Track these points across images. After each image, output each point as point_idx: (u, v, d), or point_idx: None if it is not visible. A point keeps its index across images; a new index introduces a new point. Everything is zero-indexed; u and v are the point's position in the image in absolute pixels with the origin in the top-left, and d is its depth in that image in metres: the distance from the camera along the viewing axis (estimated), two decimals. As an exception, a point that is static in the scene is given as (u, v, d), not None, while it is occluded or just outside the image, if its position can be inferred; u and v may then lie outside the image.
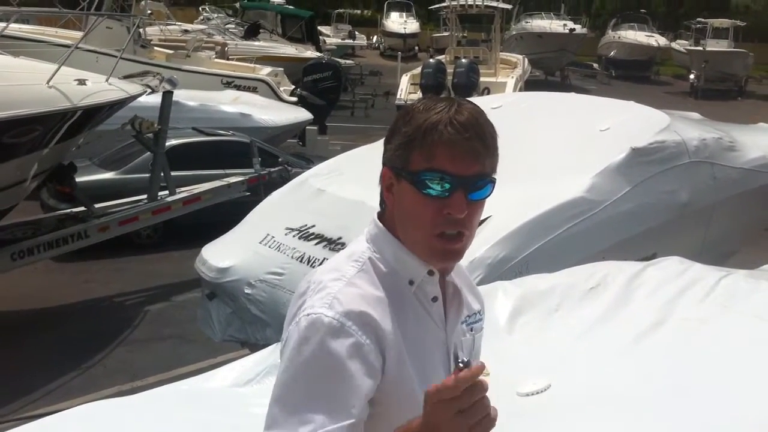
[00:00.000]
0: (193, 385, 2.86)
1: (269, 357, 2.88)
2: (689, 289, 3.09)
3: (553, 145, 5.43)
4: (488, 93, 15.92)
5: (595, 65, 38.05)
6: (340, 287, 1.38)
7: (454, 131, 1.38)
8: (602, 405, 2.32)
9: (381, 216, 1.49)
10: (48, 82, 6.64)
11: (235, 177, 9.19)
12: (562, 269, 3.51)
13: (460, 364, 1.24)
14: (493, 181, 1.43)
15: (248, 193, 8.90)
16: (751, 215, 6.64)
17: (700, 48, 33.48)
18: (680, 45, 38.55)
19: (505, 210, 4.12)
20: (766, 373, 2.44)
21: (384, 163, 1.46)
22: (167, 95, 8.41)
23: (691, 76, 32.74)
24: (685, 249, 4.73)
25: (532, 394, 2.43)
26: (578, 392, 2.43)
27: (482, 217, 1.49)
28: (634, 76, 35.56)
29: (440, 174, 1.38)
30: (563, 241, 4.68)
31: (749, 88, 34.60)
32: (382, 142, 1.52)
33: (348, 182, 5.54)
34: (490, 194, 1.44)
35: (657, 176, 5.38)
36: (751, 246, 7.36)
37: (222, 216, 6.75)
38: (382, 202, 1.49)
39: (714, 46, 33.27)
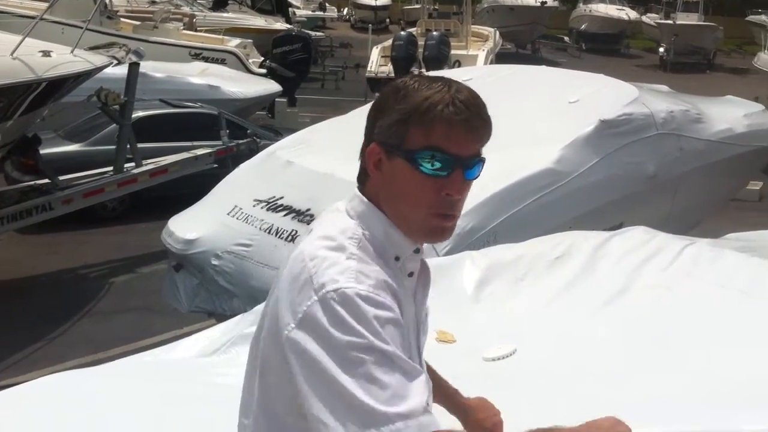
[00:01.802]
0: (157, 355, 2.83)
1: (235, 327, 2.86)
2: (654, 258, 3.13)
3: (523, 117, 5.44)
4: (459, 66, 15.89)
5: (566, 38, 38.13)
6: (357, 261, 1.32)
7: (455, 111, 1.36)
8: (567, 369, 2.35)
9: (362, 191, 1.45)
10: (12, 54, 6.52)
11: (203, 149, 9.12)
12: (530, 239, 3.53)
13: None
14: (484, 161, 1.44)
15: (216, 166, 8.84)
16: (716, 186, 6.73)
17: (670, 21, 33.69)
18: (650, 18, 38.74)
19: (474, 181, 4.12)
20: (726, 338, 2.48)
21: (373, 139, 1.42)
22: (134, 67, 8.29)
23: (661, 49, 32.94)
24: (651, 219, 4.78)
25: (498, 359, 2.45)
26: (544, 357, 2.46)
27: None
28: (604, 49, 35.67)
29: (439, 153, 1.36)
30: (531, 211, 4.71)
31: (718, 61, 34.91)
32: (351, 114, 1.50)
33: (317, 154, 5.52)
34: (480, 174, 1.44)
35: (625, 148, 5.42)
36: (716, 216, 7.47)
37: (189, 188, 6.69)
38: (362, 178, 1.46)
39: (684, 19, 33.50)
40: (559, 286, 3.03)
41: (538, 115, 5.55)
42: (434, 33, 17.97)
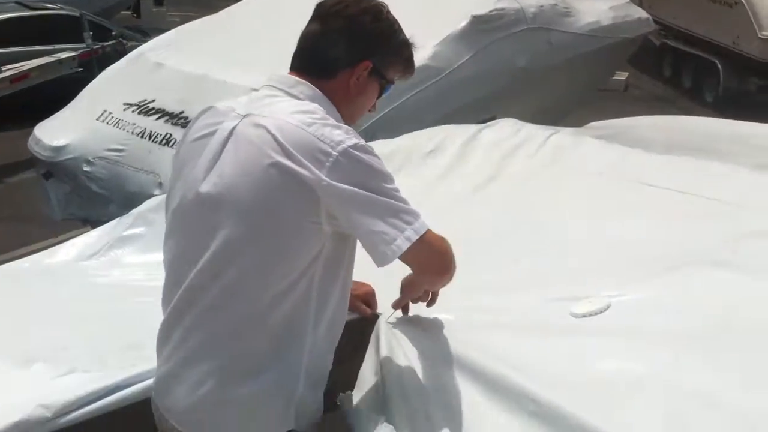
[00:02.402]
0: (35, 261, 2.78)
1: (113, 230, 2.84)
2: (521, 147, 3.27)
3: (397, 14, 5.42)
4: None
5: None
6: (340, 127, 1.60)
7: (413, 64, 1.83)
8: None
9: (313, 83, 1.68)
10: None
11: (66, 53, 8.69)
12: (406, 134, 3.60)
13: None
14: None
15: (81, 69, 8.45)
16: (584, 77, 6.97)
17: None
18: None
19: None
20: (586, 215, 2.67)
21: (367, 58, 1.70)
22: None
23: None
24: (524, 111, 4.92)
25: None
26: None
27: None
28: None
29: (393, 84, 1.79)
30: (407, 107, 4.77)
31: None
32: (224, 13, 1.53)
33: (188, 55, 5.37)
34: None
35: (497, 43, 5.52)
36: (584, 106, 7.78)
37: (54, 94, 6.37)
38: (321, 73, 1.69)
39: None
40: (432, 176, 3.13)
41: (411, 13, 5.53)
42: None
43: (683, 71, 12.71)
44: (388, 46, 1.74)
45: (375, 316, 1.97)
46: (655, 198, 2.75)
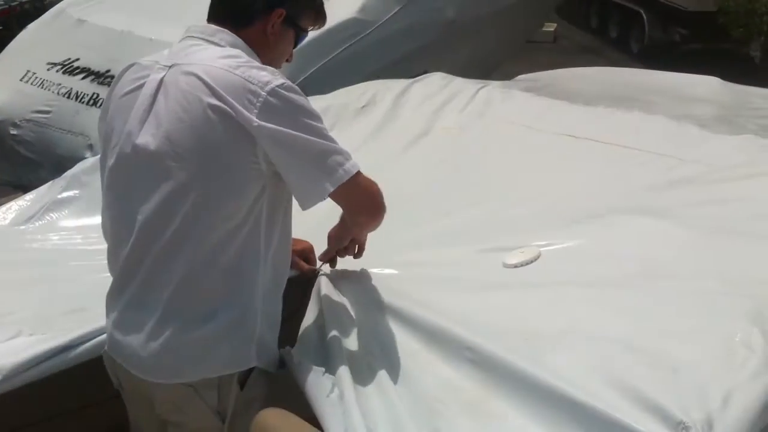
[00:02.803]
0: (-31, 230, 2.73)
1: (48, 193, 2.81)
2: (450, 101, 3.32)
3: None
4: None
5: None
6: (265, 68, 1.66)
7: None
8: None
9: (232, 31, 1.74)
10: None
11: (-17, 10, 8.34)
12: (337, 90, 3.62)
13: None
14: None
15: (1, 28, 8.13)
16: (513, 29, 7.03)
17: None
18: None
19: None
20: (515, 170, 2.75)
21: (281, 6, 1.76)
22: None
23: None
24: (454, 65, 4.96)
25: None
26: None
27: None
28: None
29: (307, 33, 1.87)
30: (338, 62, 4.75)
31: None
32: None
33: (111, 10, 5.19)
34: None
35: (425, -6, 5.50)
36: (514, 58, 7.86)
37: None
38: (238, 21, 1.74)
39: None
40: (365, 133, 3.16)
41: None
42: None
43: (610, 22, 12.74)
44: None
45: (314, 272, 2.02)
46: (580, 149, 2.85)
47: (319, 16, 1.87)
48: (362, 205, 1.77)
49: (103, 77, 4.63)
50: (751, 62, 9.97)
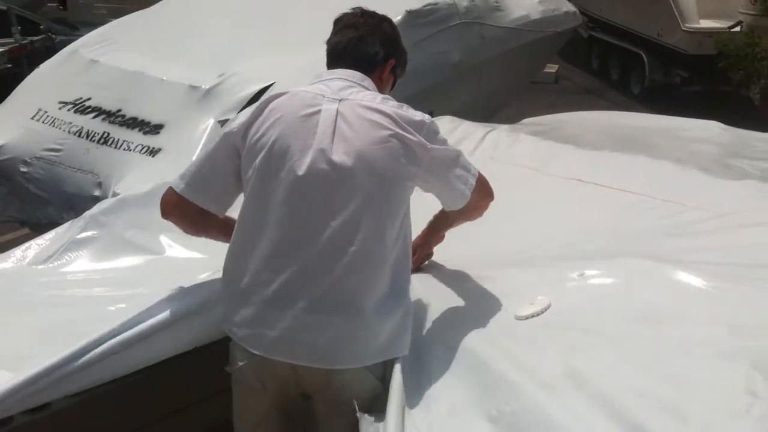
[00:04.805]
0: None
1: (66, 233, 2.83)
2: (460, 144, 3.36)
3: (334, 12, 5.46)
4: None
5: None
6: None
7: None
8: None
9: (366, 74, 2.09)
10: None
11: (-6, 48, 8.44)
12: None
13: None
14: None
15: (10, 66, 8.25)
16: (516, 71, 7.13)
17: None
18: None
19: (288, 76, 4.17)
20: (522, 210, 2.82)
21: (394, 57, 2.18)
22: None
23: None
24: (459, 106, 5.04)
25: None
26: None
27: (267, 84, 1.77)
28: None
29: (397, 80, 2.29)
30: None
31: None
32: (158, 6, 1.58)
33: (123, 51, 5.29)
34: None
35: (431, 38, 5.59)
36: (517, 99, 7.96)
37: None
38: (367, 67, 2.11)
39: None
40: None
41: (343, 8, 5.57)
42: None
43: (611, 63, 12.88)
44: (401, 47, 2.23)
45: None
46: (587, 193, 2.90)
47: (405, 68, 2.26)
48: (487, 191, 2.21)
49: (114, 116, 4.71)
50: (751, 105, 10.06)
